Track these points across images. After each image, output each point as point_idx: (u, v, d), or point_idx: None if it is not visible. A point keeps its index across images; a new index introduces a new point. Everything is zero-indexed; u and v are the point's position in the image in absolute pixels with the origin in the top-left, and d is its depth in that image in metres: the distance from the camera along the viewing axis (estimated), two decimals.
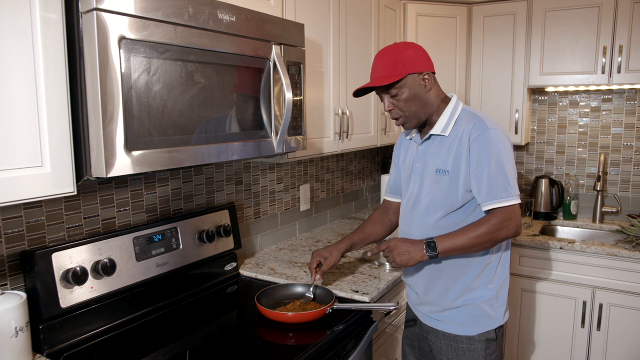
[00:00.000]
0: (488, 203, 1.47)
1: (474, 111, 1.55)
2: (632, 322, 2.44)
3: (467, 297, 1.57)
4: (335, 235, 2.61)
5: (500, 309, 1.60)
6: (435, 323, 1.64)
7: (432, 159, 1.57)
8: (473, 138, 1.48)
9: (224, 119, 1.44)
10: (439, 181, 1.55)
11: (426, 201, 1.58)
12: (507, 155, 1.48)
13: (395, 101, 1.53)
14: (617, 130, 2.99)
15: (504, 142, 1.48)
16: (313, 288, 1.70)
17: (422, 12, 2.83)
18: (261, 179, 2.32)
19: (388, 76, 1.50)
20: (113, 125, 1.12)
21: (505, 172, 1.46)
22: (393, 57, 1.51)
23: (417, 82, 1.51)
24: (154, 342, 1.47)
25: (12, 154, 1.03)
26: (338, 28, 2.17)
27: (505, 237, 1.48)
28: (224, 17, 1.38)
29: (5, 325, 1.21)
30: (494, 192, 1.46)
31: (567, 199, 3.04)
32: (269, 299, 1.67)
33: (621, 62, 2.59)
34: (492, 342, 1.58)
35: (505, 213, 1.46)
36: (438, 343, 1.63)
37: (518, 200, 1.48)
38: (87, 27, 1.09)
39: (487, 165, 1.46)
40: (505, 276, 1.62)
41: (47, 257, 1.35)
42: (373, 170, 3.44)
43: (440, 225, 1.56)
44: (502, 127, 1.53)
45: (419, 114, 1.55)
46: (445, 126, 1.54)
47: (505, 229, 1.46)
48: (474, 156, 1.48)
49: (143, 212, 1.74)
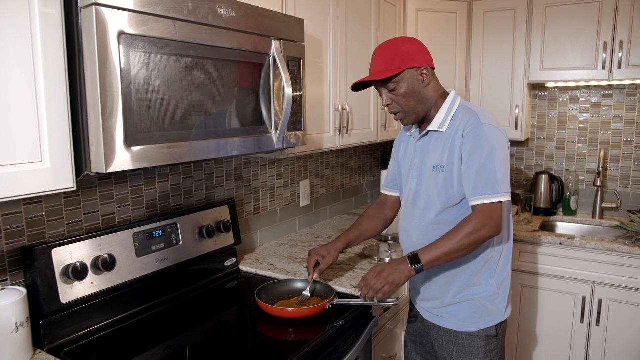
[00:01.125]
0: (473, 199, 1.46)
1: (471, 106, 1.54)
2: (632, 318, 2.44)
3: (468, 293, 1.57)
4: (335, 231, 2.61)
5: (502, 305, 1.59)
6: (436, 319, 1.64)
7: (430, 155, 1.57)
8: (466, 133, 1.47)
9: (224, 115, 1.44)
10: (436, 177, 1.55)
11: (425, 197, 1.58)
12: (499, 151, 1.45)
13: (394, 96, 1.53)
14: (618, 126, 2.98)
15: (497, 138, 1.46)
16: (311, 287, 1.69)
17: (422, 8, 2.82)
18: (261, 175, 2.32)
19: (386, 70, 1.49)
20: (113, 120, 1.12)
21: (494, 169, 1.44)
22: (392, 51, 1.50)
23: (415, 77, 1.51)
24: (155, 338, 1.47)
25: (12, 150, 1.03)
26: (338, 23, 2.16)
27: (487, 237, 1.45)
28: (223, 12, 1.38)
29: (5, 320, 1.21)
30: (479, 188, 1.44)
31: (567, 195, 3.04)
32: (269, 295, 1.67)
33: (622, 58, 2.59)
34: (493, 338, 1.58)
35: (486, 211, 1.43)
36: (439, 339, 1.63)
37: (504, 198, 1.45)
38: (86, 22, 1.09)
39: (477, 160, 1.44)
40: (507, 272, 1.61)
41: (47, 252, 1.35)
42: (373, 166, 3.44)
43: (440, 221, 1.55)
44: (500, 124, 1.51)
45: (417, 110, 1.54)
46: (442, 122, 1.54)
47: (485, 228, 1.43)
48: (466, 151, 1.47)
49: (143, 208, 1.74)
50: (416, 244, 1.60)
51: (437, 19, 2.87)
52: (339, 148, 2.27)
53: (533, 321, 2.69)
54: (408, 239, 1.66)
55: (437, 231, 1.54)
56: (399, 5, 2.74)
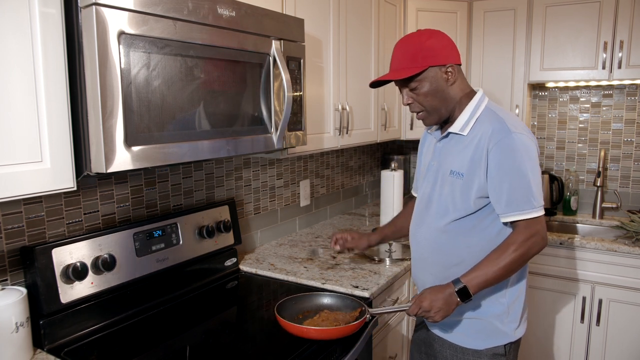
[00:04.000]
0: (508, 215, 1.37)
1: (498, 111, 1.43)
2: (632, 318, 2.44)
3: (477, 311, 1.49)
4: (335, 230, 2.61)
5: (512, 325, 1.49)
6: (442, 332, 1.57)
7: (448, 159, 1.47)
8: (494, 143, 1.36)
9: (224, 115, 1.44)
10: (452, 183, 1.44)
11: (437, 203, 1.49)
12: (531, 162, 1.36)
13: (415, 95, 1.43)
14: (618, 125, 2.98)
15: (528, 147, 1.36)
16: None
17: (423, 8, 2.82)
18: (261, 175, 2.32)
19: (407, 68, 1.39)
20: (113, 120, 1.12)
21: (528, 182, 1.35)
22: (414, 47, 1.40)
23: (438, 75, 1.40)
24: (155, 338, 1.47)
25: (12, 150, 1.03)
26: (338, 23, 2.16)
27: (535, 253, 1.39)
28: (223, 12, 1.38)
29: (5, 320, 1.21)
30: (515, 204, 1.35)
31: (567, 195, 3.04)
32: (288, 312, 1.50)
33: (622, 58, 2.59)
34: (501, 357, 1.49)
35: (530, 227, 1.36)
36: (443, 352, 1.56)
37: (542, 212, 1.37)
38: (86, 22, 1.09)
39: (507, 173, 1.35)
40: (521, 289, 1.51)
41: (48, 252, 1.35)
42: (373, 166, 3.44)
43: (449, 230, 1.46)
44: (528, 130, 1.41)
45: (440, 110, 1.44)
46: (465, 125, 1.43)
47: (534, 245, 1.36)
48: (493, 163, 1.36)
49: (143, 208, 1.74)
50: (425, 255, 1.54)
51: (437, 18, 2.87)
52: (339, 148, 2.27)
53: (533, 321, 2.69)
54: (417, 245, 1.59)
55: (447, 242, 1.47)
56: (399, 5, 2.74)
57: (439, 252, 1.51)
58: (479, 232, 1.45)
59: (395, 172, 2.43)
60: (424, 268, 1.56)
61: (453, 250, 1.48)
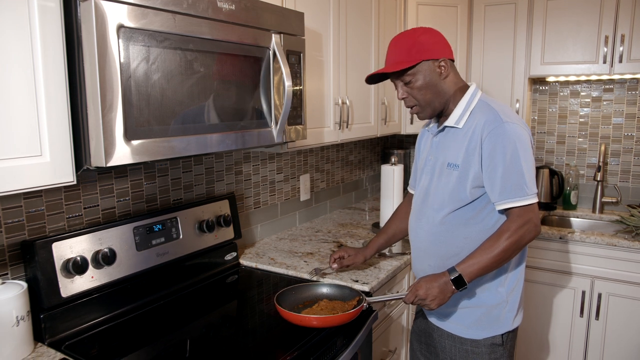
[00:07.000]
0: (502, 202, 1.40)
1: (491, 102, 1.47)
2: (631, 312, 2.45)
3: (474, 300, 1.51)
4: (335, 225, 2.61)
5: (510, 314, 1.52)
6: (440, 322, 1.59)
7: (445, 152, 1.51)
8: (487, 133, 1.39)
9: (224, 108, 1.44)
10: (449, 175, 1.48)
11: (435, 195, 1.52)
12: (524, 150, 1.39)
13: (409, 89, 1.47)
14: (618, 120, 2.98)
15: (520, 136, 1.39)
16: (319, 274, 1.68)
17: (423, 1, 2.81)
18: (261, 169, 2.32)
19: (401, 62, 1.43)
20: (112, 114, 1.12)
21: (521, 169, 1.38)
22: (408, 42, 1.44)
23: (432, 69, 1.44)
24: (155, 331, 1.48)
25: (12, 144, 1.02)
26: (338, 17, 2.15)
27: (528, 241, 1.41)
28: (223, 5, 1.37)
29: (6, 314, 1.22)
30: (507, 191, 1.38)
31: (567, 189, 3.04)
32: (288, 302, 1.53)
33: (623, 52, 2.58)
34: (499, 346, 1.52)
35: (523, 215, 1.38)
36: (442, 342, 1.58)
37: (535, 200, 1.39)
38: (85, 15, 1.08)
39: (501, 161, 1.38)
40: (519, 279, 1.54)
41: (48, 246, 1.35)
42: (373, 161, 3.44)
43: (448, 221, 1.49)
44: (521, 120, 1.44)
45: (433, 103, 1.48)
46: (459, 118, 1.47)
47: (527, 233, 1.39)
48: (486, 152, 1.40)
49: (143, 202, 1.74)
50: (424, 247, 1.57)
51: (438, 12, 2.86)
52: (339, 142, 2.26)
53: (532, 315, 2.70)
54: (416, 238, 1.61)
55: (445, 234, 1.50)
56: None
57: (437, 243, 1.53)
58: (476, 223, 1.48)
59: (395, 167, 2.42)
60: (423, 259, 1.59)
61: (451, 242, 1.51)
